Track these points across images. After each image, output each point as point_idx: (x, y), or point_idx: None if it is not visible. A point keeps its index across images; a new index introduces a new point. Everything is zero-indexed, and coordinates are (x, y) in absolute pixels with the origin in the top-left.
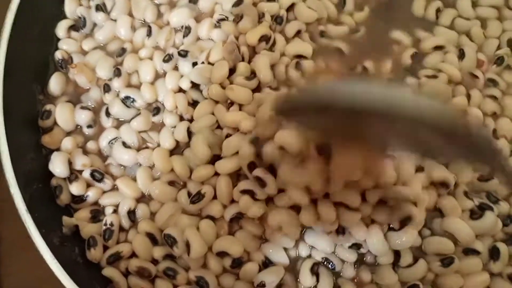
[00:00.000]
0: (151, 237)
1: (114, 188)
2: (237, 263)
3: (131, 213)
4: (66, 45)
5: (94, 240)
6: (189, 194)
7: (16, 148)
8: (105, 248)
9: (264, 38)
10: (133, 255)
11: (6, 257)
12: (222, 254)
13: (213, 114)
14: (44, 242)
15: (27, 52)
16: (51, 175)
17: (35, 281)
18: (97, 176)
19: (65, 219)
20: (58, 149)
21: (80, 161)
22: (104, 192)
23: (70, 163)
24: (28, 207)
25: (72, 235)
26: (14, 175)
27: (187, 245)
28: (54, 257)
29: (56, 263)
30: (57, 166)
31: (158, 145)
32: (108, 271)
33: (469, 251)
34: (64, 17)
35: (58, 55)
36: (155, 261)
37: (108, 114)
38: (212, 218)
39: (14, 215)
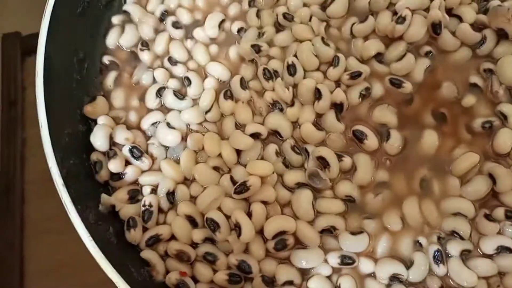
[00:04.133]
0: (191, 220)
1: (153, 168)
2: (282, 245)
3: (170, 195)
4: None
5: (134, 221)
6: (232, 179)
7: (54, 121)
8: (144, 229)
9: None
10: (172, 237)
11: (30, 239)
12: (278, 235)
13: None
14: (80, 219)
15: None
16: (87, 151)
17: (57, 264)
18: (136, 153)
19: (104, 197)
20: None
21: (123, 135)
22: (142, 171)
23: (110, 138)
24: (65, 182)
25: (107, 214)
26: (52, 148)
27: (236, 228)
28: (89, 234)
29: (91, 241)
30: (99, 139)
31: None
32: (147, 254)
33: None
34: None
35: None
36: (194, 244)
37: (158, 95)
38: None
39: (39, 197)
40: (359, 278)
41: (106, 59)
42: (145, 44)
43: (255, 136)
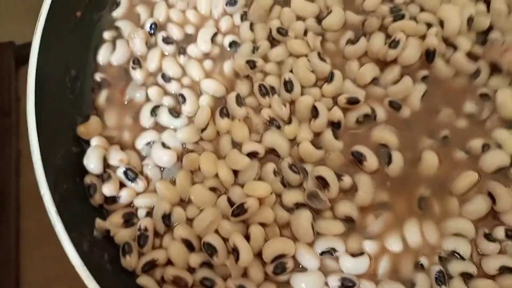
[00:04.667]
0: (188, 244)
1: (148, 190)
2: (281, 268)
3: (166, 218)
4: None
5: (129, 246)
6: (229, 200)
7: (46, 144)
8: (140, 254)
9: None
10: (169, 262)
11: (26, 251)
12: (277, 258)
13: None
14: (74, 248)
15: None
16: (81, 174)
17: (54, 275)
18: (131, 175)
19: (98, 222)
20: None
21: (117, 157)
22: (137, 193)
23: (104, 160)
24: (58, 208)
25: (102, 240)
26: (44, 173)
27: (234, 252)
28: (83, 263)
29: (86, 271)
30: (92, 161)
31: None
32: (143, 280)
33: None
34: None
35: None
36: (192, 268)
37: (152, 113)
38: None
39: (35, 207)
40: None
41: (97, 76)
42: (137, 62)
43: (252, 155)
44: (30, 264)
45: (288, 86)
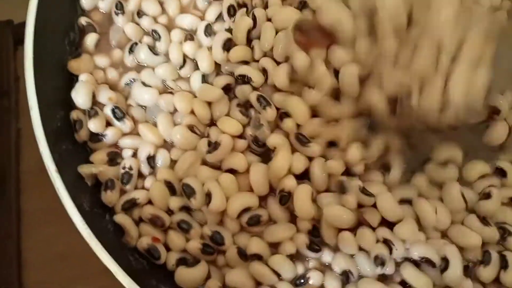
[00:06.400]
0: (170, 186)
1: (133, 132)
2: (255, 220)
3: (151, 159)
4: None
5: (112, 182)
6: (209, 144)
7: (45, 104)
8: (121, 193)
9: None
10: (148, 203)
11: (27, 231)
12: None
13: None
14: (74, 205)
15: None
16: None
17: (56, 255)
18: (119, 114)
19: (82, 166)
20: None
21: (107, 94)
22: (123, 134)
23: (93, 96)
24: (58, 167)
25: (102, 201)
26: (44, 132)
27: (207, 197)
28: (84, 221)
29: (86, 229)
30: (81, 96)
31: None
32: (120, 218)
33: None
34: None
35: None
36: (170, 212)
37: (130, 51)
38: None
39: (35, 188)
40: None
41: (83, 21)
42: (120, 7)
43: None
44: (32, 244)
45: None
